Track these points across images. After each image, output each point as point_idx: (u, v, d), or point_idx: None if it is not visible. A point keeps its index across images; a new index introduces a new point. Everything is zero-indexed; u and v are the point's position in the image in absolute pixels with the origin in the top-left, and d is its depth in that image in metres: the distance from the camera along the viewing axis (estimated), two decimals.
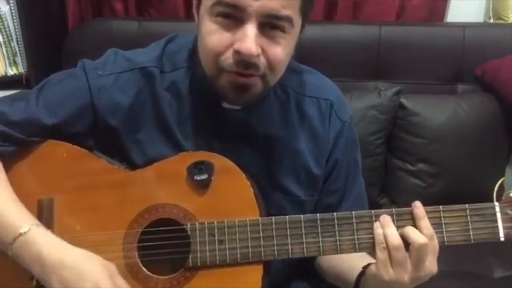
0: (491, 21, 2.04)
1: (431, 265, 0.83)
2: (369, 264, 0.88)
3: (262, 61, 0.83)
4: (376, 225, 0.85)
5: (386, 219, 0.85)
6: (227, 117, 0.95)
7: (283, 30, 0.84)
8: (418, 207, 0.85)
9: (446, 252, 0.86)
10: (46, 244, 0.84)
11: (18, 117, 0.92)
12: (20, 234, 0.84)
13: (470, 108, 1.78)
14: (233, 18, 0.82)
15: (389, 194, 1.84)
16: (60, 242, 0.85)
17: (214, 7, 0.82)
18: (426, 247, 0.82)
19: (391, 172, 1.82)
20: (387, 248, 0.83)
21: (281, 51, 0.85)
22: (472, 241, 0.85)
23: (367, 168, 1.73)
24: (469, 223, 0.85)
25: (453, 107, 1.77)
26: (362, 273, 0.90)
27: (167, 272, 0.89)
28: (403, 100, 1.78)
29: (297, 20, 0.85)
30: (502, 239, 0.85)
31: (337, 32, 1.90)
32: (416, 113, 1.77)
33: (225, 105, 0.94)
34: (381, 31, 1.86)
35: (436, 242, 0.83)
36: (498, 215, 0.85)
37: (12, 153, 0.93)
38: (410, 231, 0.83)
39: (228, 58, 0.83)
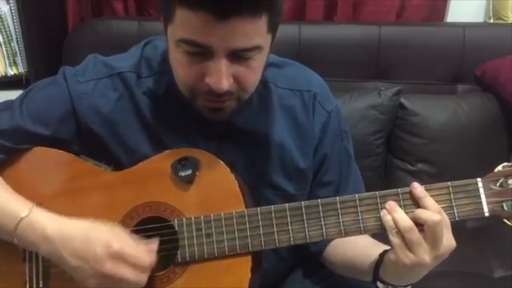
0: (491, 21, 2.04)
1: (448, 240, 0.82)
2: (385, 252, 0.87)
3: (234, 87, 0.84)
4: (383, 212, 0.84)
5: (392, 204, 0.84)
6: (208, 120, 0.94)
7: (253, 55, 0.83)
8: (417, 188, 0.84)
9: None
10: (48, 222, 0.86)
11: (4, 127, 0.93)
12: (22, 218, 0.86)
13: (470, 108, 1.77)
14: (200, 52, 0.81)
15: None
16: (61, 218, 0.87)
17: (179, 43, 0.81)
18: (440, 223, 0.80)
19: (391, 172, 1.82)
20: (400, 232, 0.82)
21: (253, 74, 0.85)
22: (457, 219, 0.84)
23: (367, 168, 1.74)
24: (453, 200, 0.85)
25: (453, 107, 1.77)
26: (379, 261, 0.89)
27: (158, 270, 0.89)
28: (403, 100, 1.77)
29: (267, 40, 0.84)
30: (487, 214, 0.85)
31: (337, 32, 1.90)
32: (416, 113, 1.76)
33: None
34: (381, 31, 1.86)
35: (446, 216, 0.82)
36: (481, 190, 0.85)
37: (1, 161, 0.94)
38: (420, 212, 0.82)
39: (201, 87, 0.84)
